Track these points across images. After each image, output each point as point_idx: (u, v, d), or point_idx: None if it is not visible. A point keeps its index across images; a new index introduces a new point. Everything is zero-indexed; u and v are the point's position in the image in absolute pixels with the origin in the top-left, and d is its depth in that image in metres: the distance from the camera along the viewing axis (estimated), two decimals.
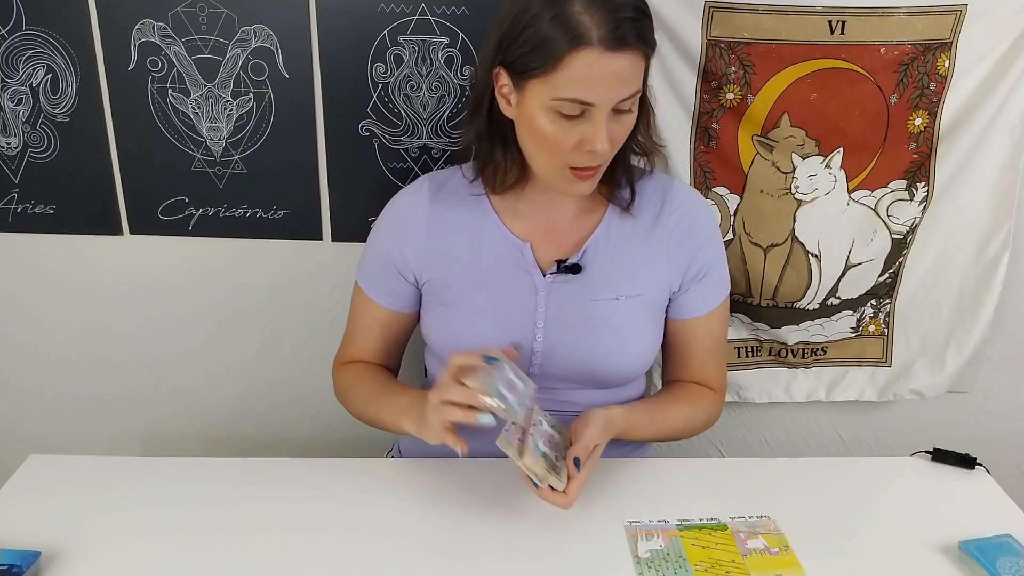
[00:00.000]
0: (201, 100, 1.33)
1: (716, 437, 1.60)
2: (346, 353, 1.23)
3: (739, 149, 1.33)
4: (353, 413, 1.19)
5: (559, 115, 0.95)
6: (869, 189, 1.36)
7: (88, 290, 1.46)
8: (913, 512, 1.05)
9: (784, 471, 1.14)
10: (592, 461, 0.97)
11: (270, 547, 0.96)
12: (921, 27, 1.25)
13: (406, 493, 1.05)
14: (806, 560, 0.95)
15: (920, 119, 1.32)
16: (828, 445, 1.61)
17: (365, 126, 1.35)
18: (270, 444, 1.59)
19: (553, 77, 0.92)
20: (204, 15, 1.27)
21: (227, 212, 1.40)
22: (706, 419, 1.20)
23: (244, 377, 1.54)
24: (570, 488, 0.93)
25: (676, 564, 0.94)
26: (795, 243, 1.38)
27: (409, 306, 1.18)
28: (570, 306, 1.10)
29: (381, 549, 0.96)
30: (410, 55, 1.30)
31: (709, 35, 1.25)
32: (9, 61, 1.30)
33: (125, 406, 1.55)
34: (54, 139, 1.35)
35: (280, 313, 1.49)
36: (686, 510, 1.03)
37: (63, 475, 1.08)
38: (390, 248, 1.15)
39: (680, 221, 1.13)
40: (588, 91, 0.92)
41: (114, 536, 0.97)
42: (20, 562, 0.89)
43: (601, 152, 0.96)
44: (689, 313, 1.15)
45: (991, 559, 0.92)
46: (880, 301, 1.46)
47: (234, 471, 1.10)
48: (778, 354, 1.50)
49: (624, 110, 0.97)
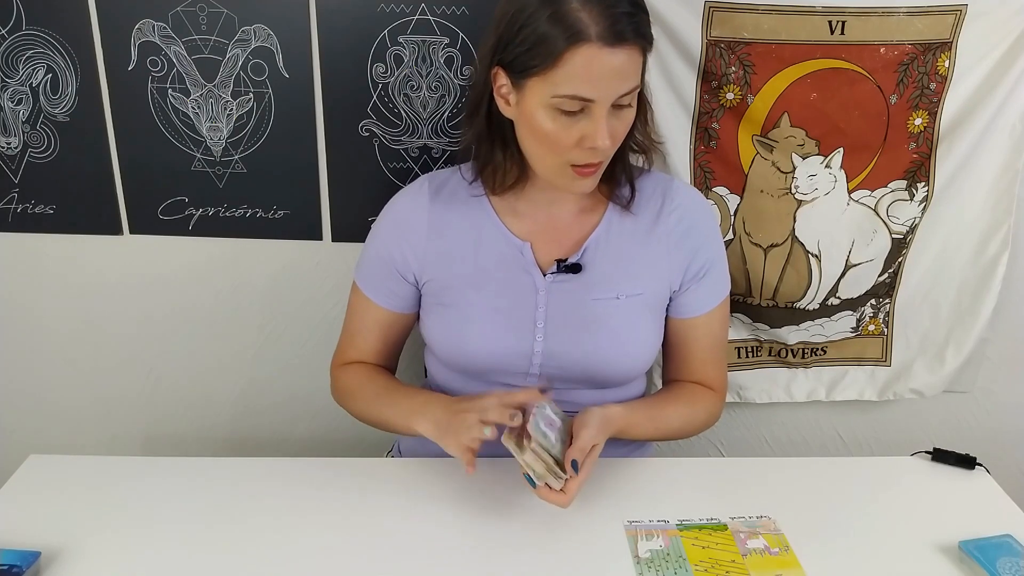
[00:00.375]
0: (201, 100, 1.33)
1: (716, 437, 1.60)
2: (344, 354, 1.23)
3: (739, 149, 1.33)
4: (354, 414, 1.19)
5: (559, 112, 0.95)
6: (869, 189, 1.36)
7: (88, 290, 1.46)
8: (913, 512, 1.05)
9: (784, 471, 1.14)
10: (591, 461, 0.97)
11: (270, 547, 0.96)
12: (921, 27, 1.25)
13: (406, 493, 1.05)
14: (806, 560, 0.95)
15: (920, 119, 1.32)
16: (828, 445, 1.61)
17: (365, 126, 1.35)
18: (270, 444, 1.59)
19: (553, 74, 0.92)
20: (204, 15, 1.27)
21: (227, 212, 1.40)
22: (706, 419, 1.20)
23: (244, 377, 1.54)
24: (568, 487, 0.94)
25: (676, 564, 0.94)
26: (795, 243, 1.38)
27: (408, 307, 1.18)
28: (570, 306, 1.10)
29: (381, 549, 0.96)
30: (410, 55, 1.30)
31: (709, 35, 1.25)
32: (9, 61, 1.30)
33: (125, 406, 1.55)
34: (54, 139, 1.35)
35: (280, 313, 1.49)
36: (686, 510, 1.03)
37: (63, 475, 1.08)
38: (390, 249, 1.15)
39: (680, 220, 1.13)
40: (588, 87, 0.93)
41: (114, 536, 0.97)
42: (20, 562, 0.89)
43: (602, 148, 0.96)
44: (689, 312, 1.15)
45: (991, 559, 0.92)
46: (880, 301, 1.47)
47: (234, 471, 1.10)
48: (778, 354, 1.50)
49: (624, 105, 0.97)
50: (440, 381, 1.20)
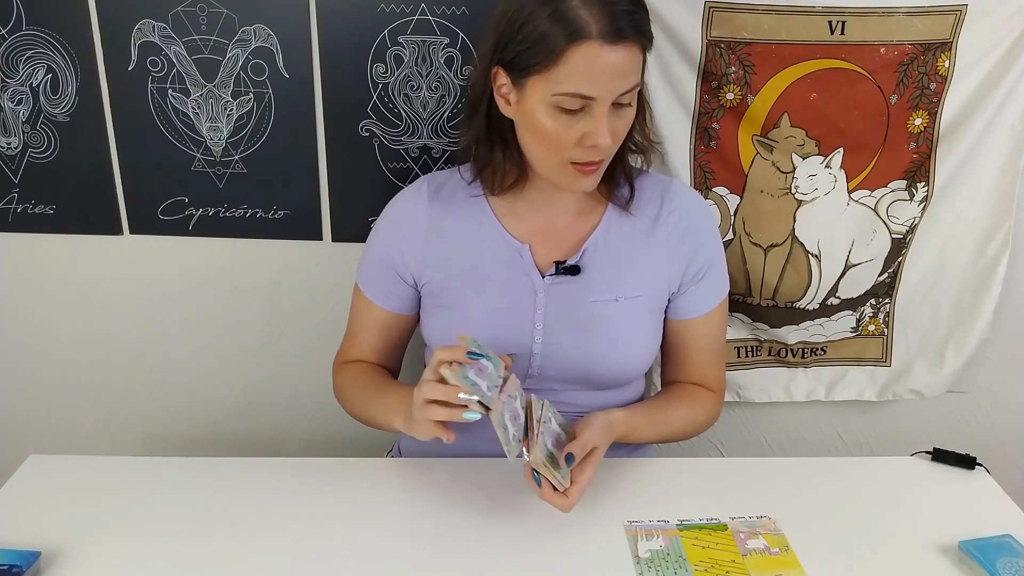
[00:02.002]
0: (201, 100, 1.33)
1: (716, 437, 1.60)
2: (346, 353, 1.23)
3: (739, 149, 1.33)
4: (350, 413, 1.19)
5: (560, 110, 0.95)
6: (869, 189, 1.36)
7: (88, 290, 1.46)
8: (913, 512, 1.05)
9: (784, 471, 1.14)
10: (593, 464, 0.97)
11: (270, 547, 0.96)
12: (921, 27, 1.25)
13: (406, 493, 1.06)
14: (806, 560, 0.95)
15: (920, 119, 1.32)
16: (828, 445, 1.61)
17: (365, 126, 1.35)
18: (270, 444, 1.59)
19: (554, 72, 0.93)
20: (204, 15, 1.27)
21: (227, 212, 1.40)
22: (706, 420, 1.20)
23: (244, 377, 1.54)
24: (571, 491, 0.94)
25: (676, 564, 0.94)
26: (795, 243, 1.38)
27: (408, 308, 1.18)
28: (569, 307, 1.10)
29: (381, 549, 0.96)
30: (410, 55, 1.30)
31: (709, 35, 1.25)
32: (9, 61, 1.30)
33: (125, 406, 1.55)
34: (54, 139, 1.35)
35: (280, 313, 1.49)
36: (686, 510, 1.03)
37: (63, 475, 1.08)
38: (389, 250, 1.15)
39: (679, 221, 1.12)
40: (589, 85, 0.93)
41: (114, 536, 0.97)
42: (20, 562, 0.89)
43: (603, 146, 0.96)
44: (688, 314, 1.15)
45: (991, 559, 0.92)
46: (880, 301, 1.46)
47: (234, 471, 1.10)
48: (778, 354, 1.50)
49: (624, 104, 0.97)
50: None
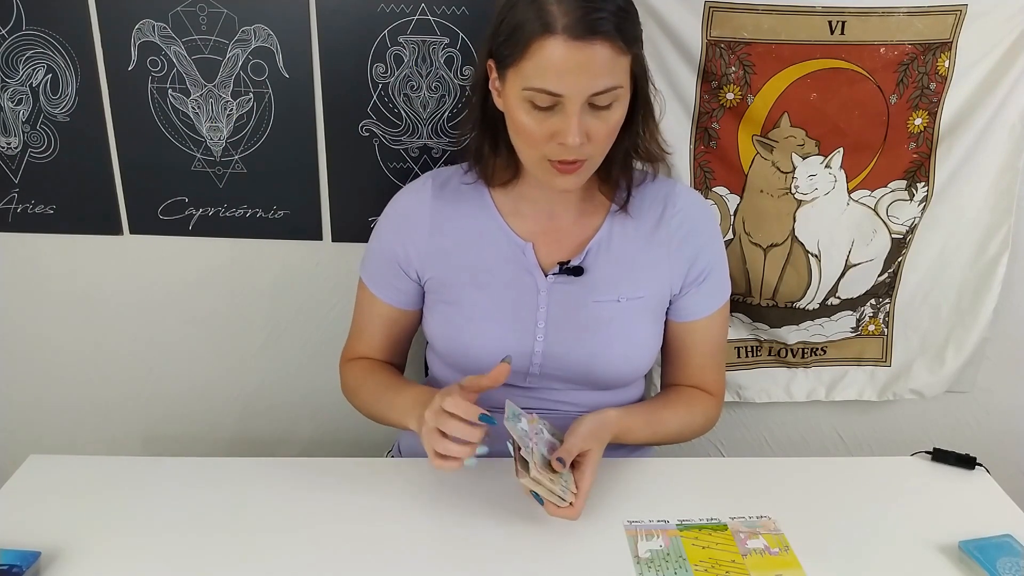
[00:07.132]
0: (201, 100, 1.33)
1: (716, 437, 1.60)
2: (352, 349, 1.23)
3: (739, 149, 1.33)
4: (359, 410, 1.20)
5: (532, 106, 0.94)
6: (869, 189, 1.36)
7: (88, 290, 1.46)
8: (913, 512, 1.05)
9: (784, 471, 1.14)
10: (592, 469, 0.97)
11: (270, 547, 0.96)
12: (921, 27, 1.25)
13: (406, 493, 1.05)
14: (806, 560, 0.95)
15: (920, 119, 1.32)
16: (828, 445, 1.61)
17: (365, 126, 1.35)
18: (270, 444, 1.59)
19: (523, 66, 0.92)
20: (204, 15, 1.27)
21: (227, 212, 1.40)
22: (704, 423, 1.20)
23: (244, 377, 1.54)
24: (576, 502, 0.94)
25: (676, 564, 0.94)
26: (795, 243, 1.38)
27: (412, 303, 1.18)
28: (571, 307, 1.10)
29: (381, 549, 0.96)
30: (410, 55, 1.30)
31: (709, 35, 1.25)
32: (9, 61, 1.30)
33: (125, 406, 1.55)
34: (54, 139, 1.35)
35: (280, 313, 1.49)
36: (686, 510, 1.03)
37: (63, 475, 1.08)
38: (392, 245, 1.15)
39: (682, 224, 1.12)
40: (555, 81, 0.91)
41: (114, 536, 0.97)
42: (20, 562, 0.89)
43: (572, 145, 0.94)
44: (689, 316, 1.15)
45: (991, 559, 0.92)
46: (880, 301, 1.47)
47: (234, 471, 1.10)
48: (778, 354, 1.50)
49: (601, 106, 0.94)
50: (441, 379, 1.20)
